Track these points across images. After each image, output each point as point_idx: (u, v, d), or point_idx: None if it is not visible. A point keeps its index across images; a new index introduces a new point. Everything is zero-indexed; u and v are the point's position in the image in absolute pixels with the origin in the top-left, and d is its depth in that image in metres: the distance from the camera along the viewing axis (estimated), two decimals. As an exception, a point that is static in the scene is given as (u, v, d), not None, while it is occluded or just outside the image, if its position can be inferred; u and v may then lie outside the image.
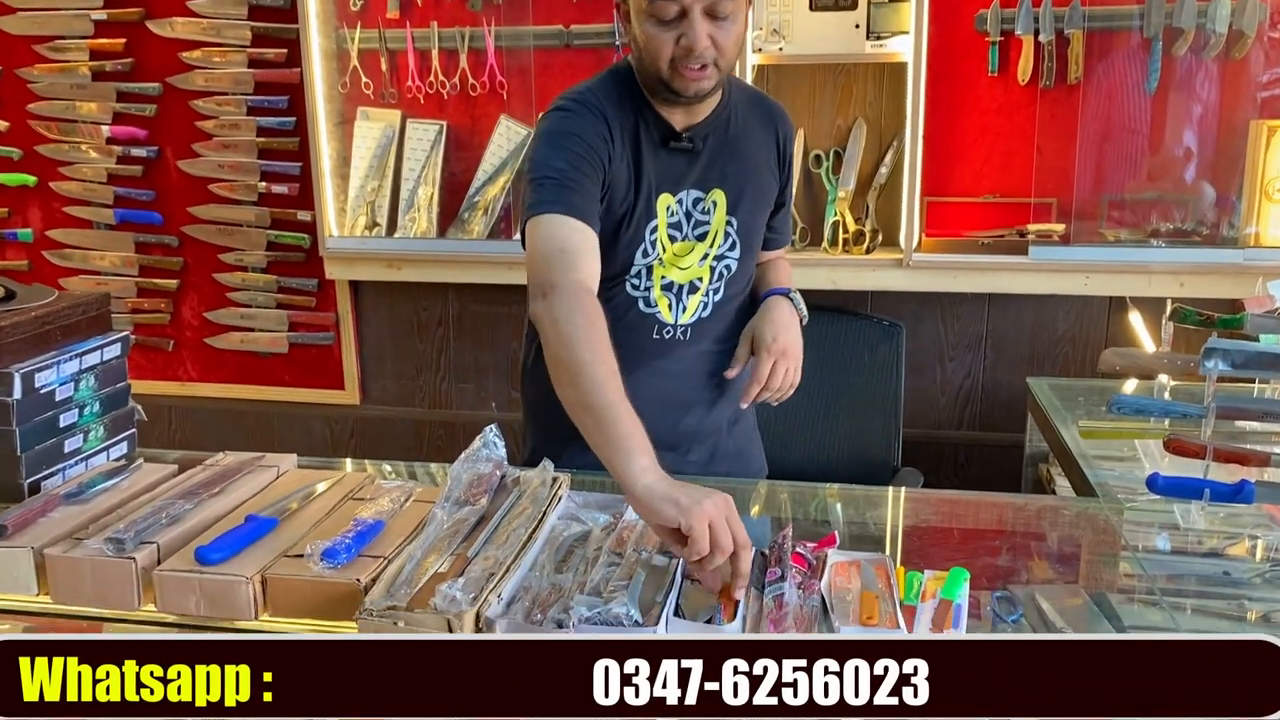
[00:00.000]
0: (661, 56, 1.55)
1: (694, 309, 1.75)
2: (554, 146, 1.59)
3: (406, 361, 3.13)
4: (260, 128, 2.95)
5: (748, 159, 1.75)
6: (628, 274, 1.71)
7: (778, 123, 1.82)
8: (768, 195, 1.80)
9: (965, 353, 2.83)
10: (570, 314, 1.46)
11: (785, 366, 1.70)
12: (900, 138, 2.68)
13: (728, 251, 1.75)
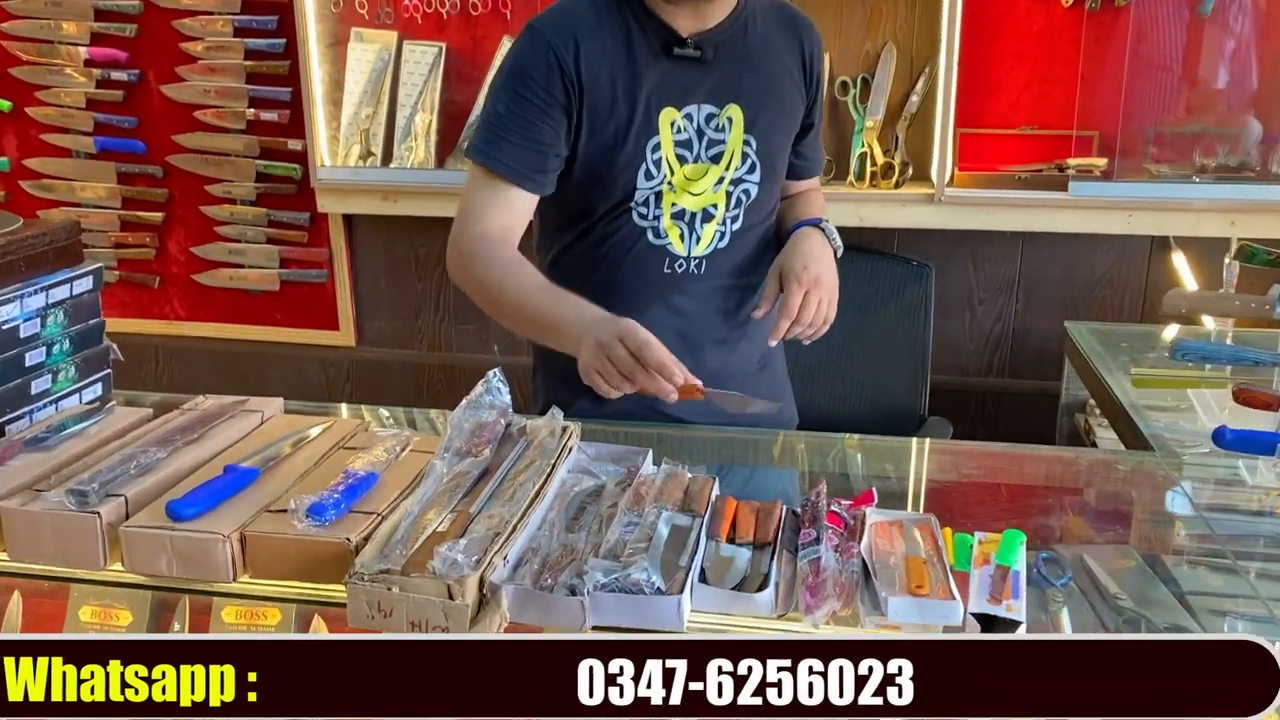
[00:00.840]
0: None
1: (709, 239, 1.62)
2: (501, 85, 1.54)
3: (404, 301, 2.98)
4: (248, 50, 2.77)
5: (768, 71, 1.60)
6: (632, 200, 1.57)
7: (803, 33, 1.66)
8: (792, 114, 1.65)
9: (996, 295, 2.67)
10: (467, 264, 1.55)
11: (818, 297, 1.53)
12: (933, 64, 2.50)
13: (746, 175, 1.61)
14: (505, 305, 1.54)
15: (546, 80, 1.50)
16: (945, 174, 2.46)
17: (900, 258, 2.49)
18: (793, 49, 1.64)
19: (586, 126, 1.52)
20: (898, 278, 2.49)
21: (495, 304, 1.55)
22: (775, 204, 1.71)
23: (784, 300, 1.54)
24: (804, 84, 1.66)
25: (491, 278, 1.53)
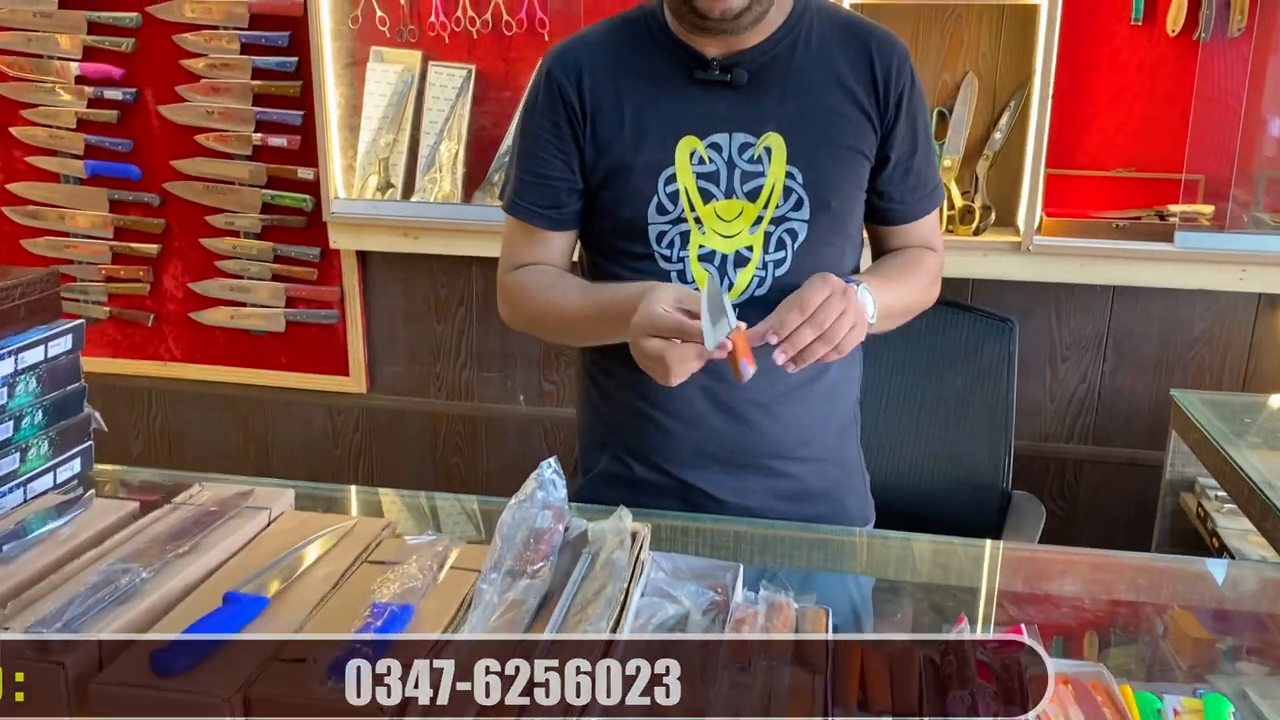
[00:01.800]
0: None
1: (744, 285, 1.40)
2: (520, 126, 1.49)
3: (421, 345, 2.71)
4: (256, 69, 2.52)
5: (819, 94, 1.38)
6: (654, 240, 1.39)
7: (876, 48, 1.42)
8: (853, 142, 1.41)
9: (1081, 353, 2.41)
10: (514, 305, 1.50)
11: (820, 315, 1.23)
12: (1020, 97, 2.25)
13: (791, 213, 1.39)
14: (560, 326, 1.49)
15: (551, 113, 1.42)
16: (1034, 219, 2.20)
17: (980, 311, 2.22)
18: (859, 67, 1.41)
19: (591, 158, 1.41)
20: (977, 333, 2.23)
21: (554, 328, 1.53)
22: (847, 251, 1.47)
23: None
24: (875, 107, 1.42)
25: (538, 304, 1.46)
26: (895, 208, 1.49)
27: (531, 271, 1.46)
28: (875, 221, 1.51)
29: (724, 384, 1.42)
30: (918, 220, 1.51)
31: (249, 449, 2.87)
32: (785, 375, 1.43)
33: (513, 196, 1.47)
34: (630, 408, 1.48)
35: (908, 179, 1.48)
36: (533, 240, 1.46)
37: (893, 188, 1.47)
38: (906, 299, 1.48)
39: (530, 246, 1.47)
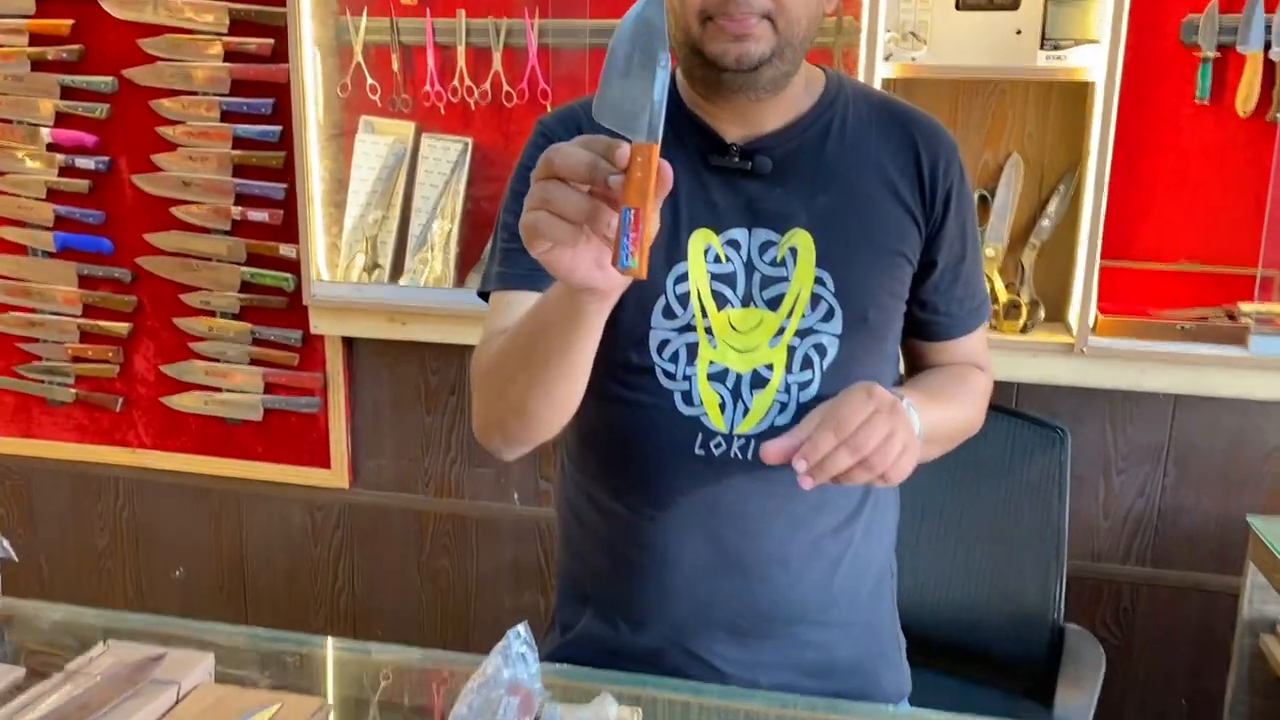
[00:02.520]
0: (690, 6, 1.09)
1: (762, 412, 1.18)
2: (510, 194, 1.22)
3: (409, 437, 2.49)
4: (237, 137, 2.33)
5: (856, 189, 1.17)
6: (652, 347, 1.16)
7: (921, 140, 1.21)
8: (895, 246, 1.20)
9: (1138, 465, 2.16)
10: (475, 375, 1.17)
11: (861, 438, 1.00)
12: (1070, 180, 2.03)
13: (820, 325, 1.17)
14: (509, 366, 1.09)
15: None
16: (1088, 318, 1.97)
17: (1027, 417, 1.98)
18: (903, 160, 1.21)
19: None
20: (1024, 442, 1.99)
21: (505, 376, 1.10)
22: (884, 372, 1.25)
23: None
24: (920, 205, 1.21)
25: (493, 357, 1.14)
26: (940, 320, 1.26)
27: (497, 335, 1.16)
28: (916, 336, 1.29)
29: (734, 530, 1.19)
30: (965, 336, 1.29)
31: (222, 545, 2.64)
32: (810, 524, 1.20)
33: (498, 269, 1.19)
34: (617, 554, 1.24)
35: (955, 288, 1.26)
36: (516, 309, 1.14)
37: (938, 297, 1.25)
38: (954, 422, 1.25)
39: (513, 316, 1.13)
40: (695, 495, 1.19)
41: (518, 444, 1.14)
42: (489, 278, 1.22)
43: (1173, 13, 1.93)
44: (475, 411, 1.17)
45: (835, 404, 1.03)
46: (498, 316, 1.18)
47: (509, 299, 1.18)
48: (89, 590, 2.76)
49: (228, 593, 2.68)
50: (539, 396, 1.06)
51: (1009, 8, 1.98)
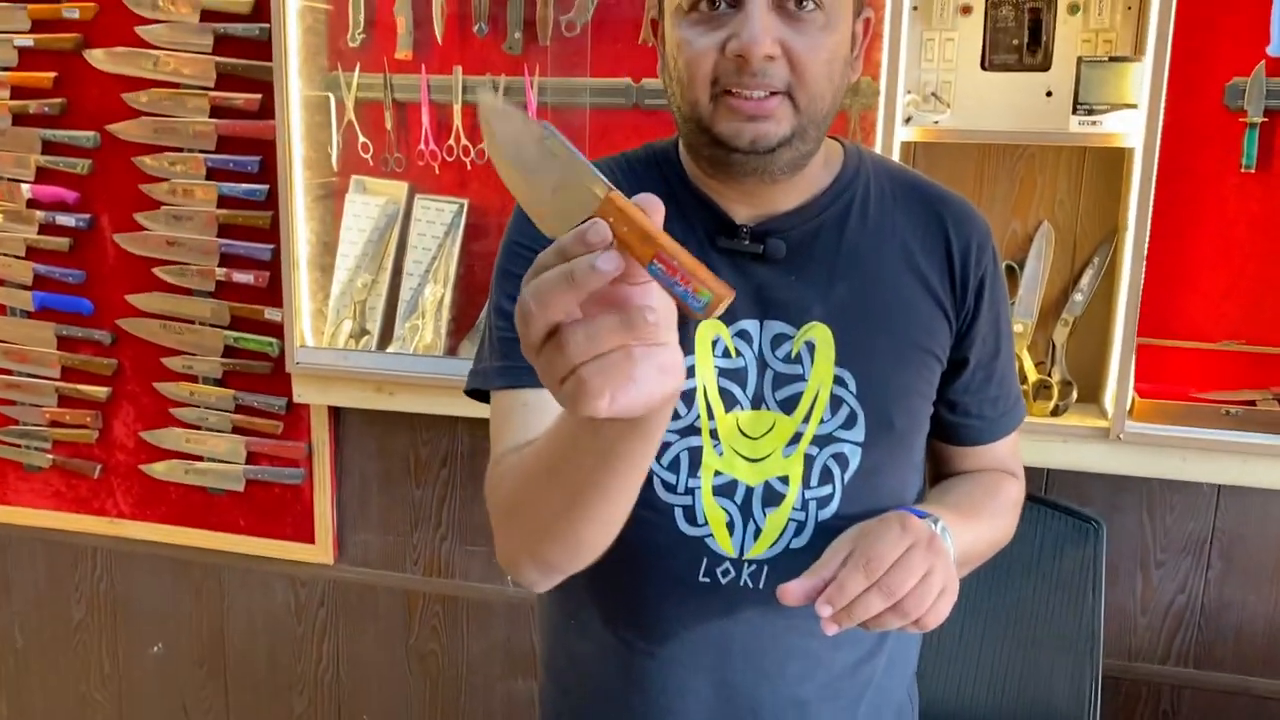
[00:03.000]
0: (698, 74, 0.96)
1: (775, 533, 1.04)
2: (500, 274, 1.08)
3: (397, 512, 2.35)
4: (223, 196, 2.22)
5: (879, 275, 1.04)
6: (654, 458, 0.94)
7: (951, 224, 1.08)
8: (923, 341, 1.07)
9: (1179, 557, 1.99)
10: (493, 500, 0.97)
11: (895, 579, 0.88)
12: (1105, 252, 1.89)
13: (840, 431, 1.03)
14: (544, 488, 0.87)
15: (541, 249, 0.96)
16: (1125, 401, 1.81)
17: (1060, 507, 1.83)
18: (931, 246, 1.08)
19: None
20: (1056, 534, 1.85)
21: (542, 501, 0.88)
22: (910, 483, 1.12)
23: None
24: (951, 297, 1.08)
25: (515, 482, 0.94)
26: (971, 424, 1.13)
27: (516, 450, 0.98)
28: (943, 439, 1.15)
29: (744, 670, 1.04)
30: (997, 441, 1.15)
31: (202, 620, 2.50)
32: (828, 662, 1.06)
33: (498, 364, 1.03)
34: (608, 693, 1.10)
35: (988, 388, 1.12)
36: (538, 412, 0.99)
37: (969, 398, 1.11)
38: (986, 542, 1.12)
39: (533, 425, 0.97)
40: (699, 630, 1.05)
41: (559, 573, 0.94)
42: (487, 374, 1.05)
43: (1216, 76, 1.79)
44: (501, 542, 0.97)
45: (866, 538, 0.91)
46: (509, 423, 1.01)
47: (520, 400, 1.01)
48: (64, 664, 2.62)
49: (208, 670, 2.53)
50: (590, 520, 0.85)
51: (1039, 68, 1.85)
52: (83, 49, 2.23)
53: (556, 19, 2.00)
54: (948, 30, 1.88)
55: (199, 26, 2.14)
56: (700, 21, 0.95)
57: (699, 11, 0.95)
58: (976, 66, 1.88)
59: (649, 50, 1.99)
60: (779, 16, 0.93)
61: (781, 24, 0.93)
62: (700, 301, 0.63)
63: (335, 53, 2.13)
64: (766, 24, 0.92)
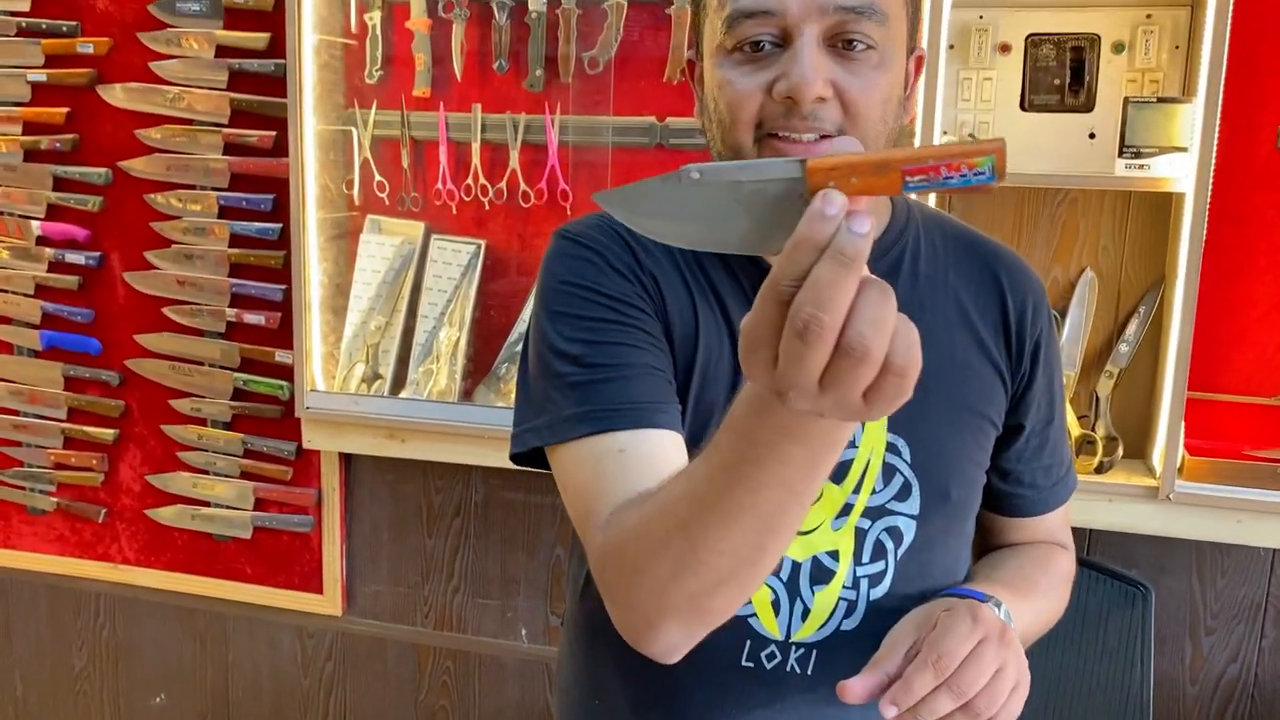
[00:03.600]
0: (742, 116, 0.88)
1: (825, 614, 0.95)
2: (550, 315, 0.94)
3: (408, 562, 2.27)
4: (235, 235, 2.16)
5: (935, 336, 0.91)
6: None
7: (1007, 280, 1.01)
8: (980, 403, 0.98)
9: (1231, 623, 1.88)
10: (620, 551, 0.82)
11: (966, 677, 0.79)
12: (1152, 301, 1.80)
13: (894, 503, 0.95)
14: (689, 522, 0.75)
15: (619, 283, 0.93)
16: (1174, 459, 1.72)
17: (1106, 570, 1.73)
18: (986, 304, 1.00)
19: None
20: (1101, 599, 1.74)
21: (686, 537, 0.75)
22: (962, 557, 1.03)
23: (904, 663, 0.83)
24: (1008, 359, 1.00)
25: (655, 521, 0.79)
26: (1024, 494, 1.04)
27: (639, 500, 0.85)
28: (992, 510, 1.07)
29: None
30: (1050, 512, 1.06)
31: (206, 671, 2.42)
32: None
33: (575, 410, 0.90)
34: None
35: (1041, 455, 1.04)
36: (631, 458, 0.88)
37: (1023, 467, 1.03)
38: (1040, 622, 1.04)
39: (627, 471, 0.87)
40: (739, 716, 0.96)
41: (715, 625, 0.82)
42: (558, 426, 0.91)
43: (1269, 118, 1.71)
44: (636, 606, 0.82)
45: (935, 631, 0.82)
46: (606, 475, 0.87)
47: (613, 446, 0.87)
48: (64, 713, 2.54)
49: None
50: (782, 544, 0.75)
51: (1081, 109, 1.78)
52: (96, 84, 2.19)
53: (579, 56, 1.94)
54: (985, 69, 1.81)
55: (214, 62, 2.10)
56: (744, 61, 0.88)
57: (742, 52, 0.88)
58: (1015, 106, 1.80)
59: (673, 88, 1.93)
60: (830, 55, 0.86)
61: (833, 63, 0.86)
62: (984, 171, 0.56)
63: (352, 89, 2.08)
64: (817, 63, 0.85)
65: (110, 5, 2.16)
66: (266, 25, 2.05)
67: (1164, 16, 1.73)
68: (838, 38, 0.86)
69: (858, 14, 0.85)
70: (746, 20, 0.86)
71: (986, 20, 1.78)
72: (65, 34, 2.18)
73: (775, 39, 0.86)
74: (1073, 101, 1.77)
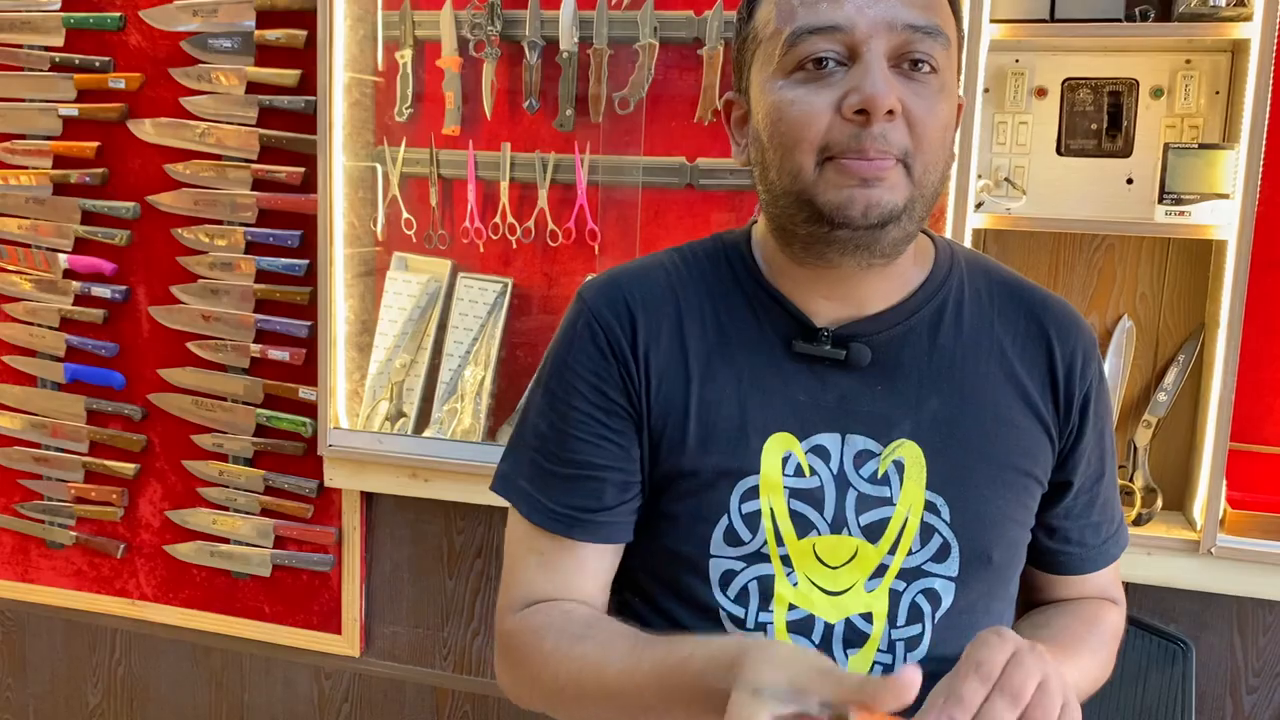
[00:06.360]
0: (807, 135, 0.85)
1: None
2: (546, 394, 1.00)
3: (428, 604, 2.23)
4: (261, 270, 2.15)
5: (979, 390, 0.93)
6: (714, 581, 0.94)
7: (1055, 331, 0.97)
8: (1025, 461, 0.95)
9: (1274, 683, 1.83)
10: (517, 652, 0.97)
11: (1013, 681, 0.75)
12: (1191, 350, 1.76)
13: (931, 564, 0.92)
14: (596, 697, 0.90)
15: (594, 369, 0.96)
16: (1216, 512, 1.67)
17: (1144, 626, 1.69)
18: (1033, 356, 0.97)
19: (648, 446, 0.96)
20: (1140, 655, 1.70)
21: (584, 702, 0.91)
22: (1005, 620, 1.00)
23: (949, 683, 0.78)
24: (1055, 414, 0.97)
25: (561, 663, 0.92)
26: (1073, 553, 1.01)
27: (550, 611, 0.97)
28: (1038, 567, 1.03)
29: None
30: (1098, 571, 1.02)
31: (220, 711, 2.38)
32: None
33: (531, 493, 0.98)
34: None
35: (1090, 513, 1.00)
36: (558, 562, 0.98)
37: (1070, 524, 1.00)
38: (1089, 680, 0.99)
39: (552, 572, 0.98)
40: None
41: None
42: (510, 484, 1.00)
43: (1311, 164, 1.68)
44: (507, 682, 1.02)
45: (967, 653, 0.77)
46: (535, 571, 0.98)
47: (555, 552, 0.97)
48: (77, 751, 2.51)
49: (224, 763, 2.41)
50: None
51: (1119, 154, 1.75)
52: (127, 119, 2.19)
53: (609, 96, 1.93)
54: (1021, 114, 1.78)
55: (244, 98, 2.10)
56: (808, 80, 0.86)
57: (805, 70, 0.86)
58: (1052, 151, 1.78)
59: (704, 129, 1.92)
60: (895, 75, 0.85)
61: (899, 82, 0.85)
62: None
63: (382, 127, 2.08)
64: (888, 78, 0.84)
65: (143, 41, 2.17)
66: (298, 62, 2.06)
67: (1204, 61, 1.70)
68: (903, 58, 0.85)
69: (925, 34, 0.84)
70: (812, 36, 0.85)
71: (1023, 64, 1.77)
72: (98, 69, 2.19)
73: (840, 56, 0.85)
74: (1110, 146, 1.75)
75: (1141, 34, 1.64)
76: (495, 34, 1.96)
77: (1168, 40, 1.66)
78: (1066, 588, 1.05)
